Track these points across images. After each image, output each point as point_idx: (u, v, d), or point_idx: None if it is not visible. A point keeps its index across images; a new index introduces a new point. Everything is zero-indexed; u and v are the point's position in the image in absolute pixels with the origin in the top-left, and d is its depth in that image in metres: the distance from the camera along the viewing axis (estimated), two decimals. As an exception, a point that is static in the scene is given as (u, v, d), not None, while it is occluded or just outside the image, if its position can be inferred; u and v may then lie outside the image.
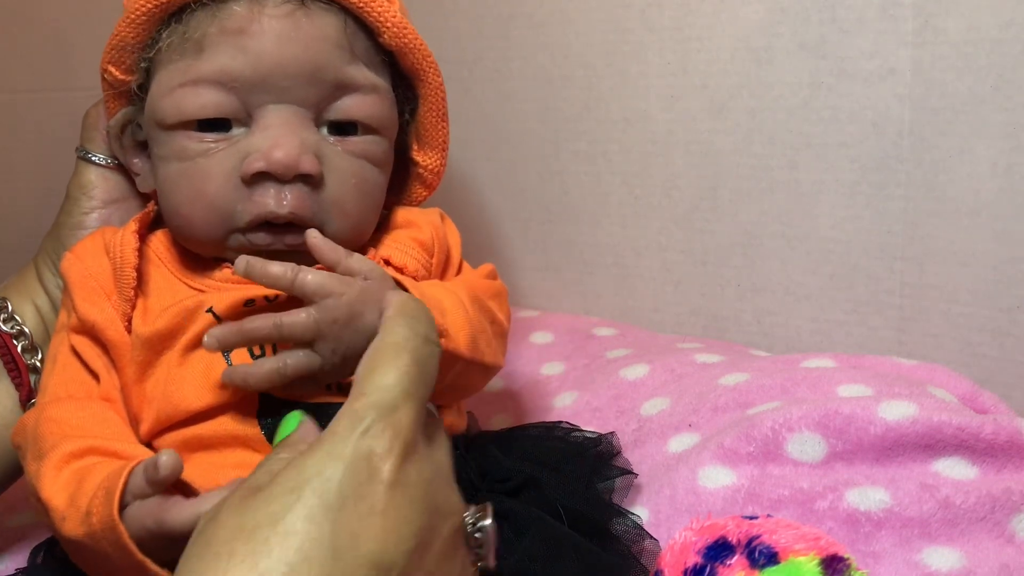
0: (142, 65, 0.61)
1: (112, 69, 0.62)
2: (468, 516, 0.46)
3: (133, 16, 0.59)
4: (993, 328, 0.79)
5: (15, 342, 0.63)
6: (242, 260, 0.54)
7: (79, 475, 0.52)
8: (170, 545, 0.48)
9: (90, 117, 0.68)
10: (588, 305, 1.00)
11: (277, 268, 0.53)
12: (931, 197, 0.79)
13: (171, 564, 0.47)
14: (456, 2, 0.97)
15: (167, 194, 0.60)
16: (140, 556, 0.48)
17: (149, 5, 0.58)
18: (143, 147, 0.63)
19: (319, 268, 0.56)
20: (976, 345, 0.80)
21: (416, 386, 0.44)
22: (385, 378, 0.43)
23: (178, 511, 0.48)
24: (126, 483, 0.49)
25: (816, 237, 0.86)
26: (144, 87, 0.61)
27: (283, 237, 0.58)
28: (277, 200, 0.57)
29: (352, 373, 0.48)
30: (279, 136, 0.57)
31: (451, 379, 0.59)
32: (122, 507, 0.49)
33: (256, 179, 0.57)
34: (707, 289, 0.93)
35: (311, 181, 0.58)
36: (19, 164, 1.12)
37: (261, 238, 0.58)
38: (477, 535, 0.45)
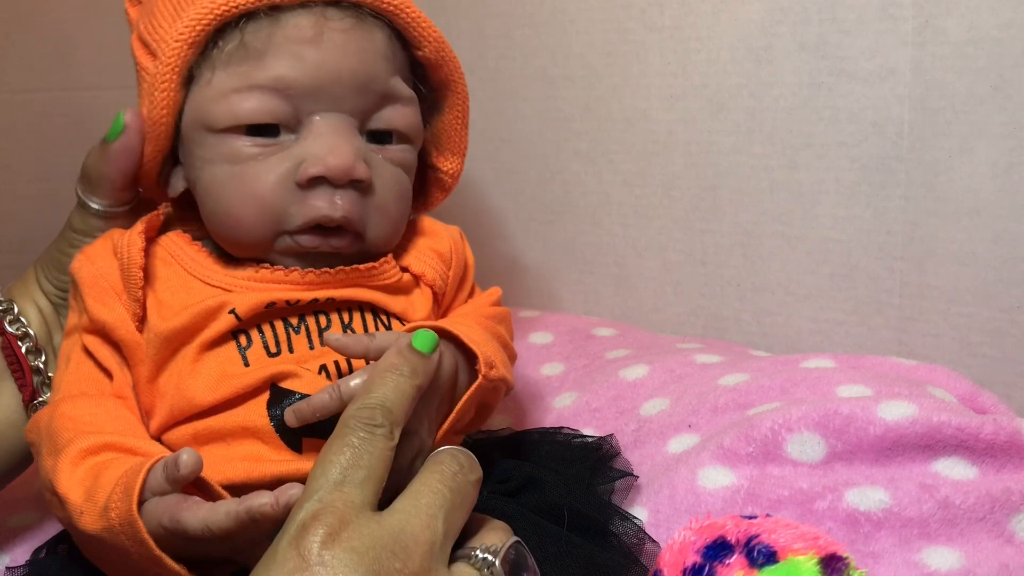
0: (197, 72, 0.60)
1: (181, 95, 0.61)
2: (477, 556, 0.48)
3: (194, 39, 0.58)
4: (993, 328, 0.79)
5: (20, 343, 0.63)
6: (289, 413, 0.55)
7: (95, 470, 0.53)
8: (187, 545, 0.49)
9: (88, 168, 0.65)
10: (588, 305, 1.00)
11: (320, 399, 0.54)
12: (931, 197, 0.79)
13: (188, 561, 0.50)
14: (457, 2, 0.97)
15: (214, 196, 0.60)
16: (157, 551, 0.49)
17: (210, 18, 0.58)
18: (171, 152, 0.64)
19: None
20: (976, 345, 0.80)
21: (350, 471, 0.46)
22: (317, 473, 0.47)
23: (192, 513, 0.49)
24: (145, 479, 0.50)
25: (816, 237, 0.86)
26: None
27: (329, 240, 0.60)
28: (331, 204, 0.58)
29: (438, 428, 0.56)
30: (335, 143, 0.58)
31: (491, 402, 0.62)
32: (140, 503, 0.50)
33: (311, 183, 0.58)
34: (707, 289, 0.93)
35: (361, 187, 0.60)
36: (19, 164, 1.12)
37: (309, 240, 0.60)
38: None
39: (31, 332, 0.64)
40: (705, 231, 0.91)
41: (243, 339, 0.58)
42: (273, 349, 0.58)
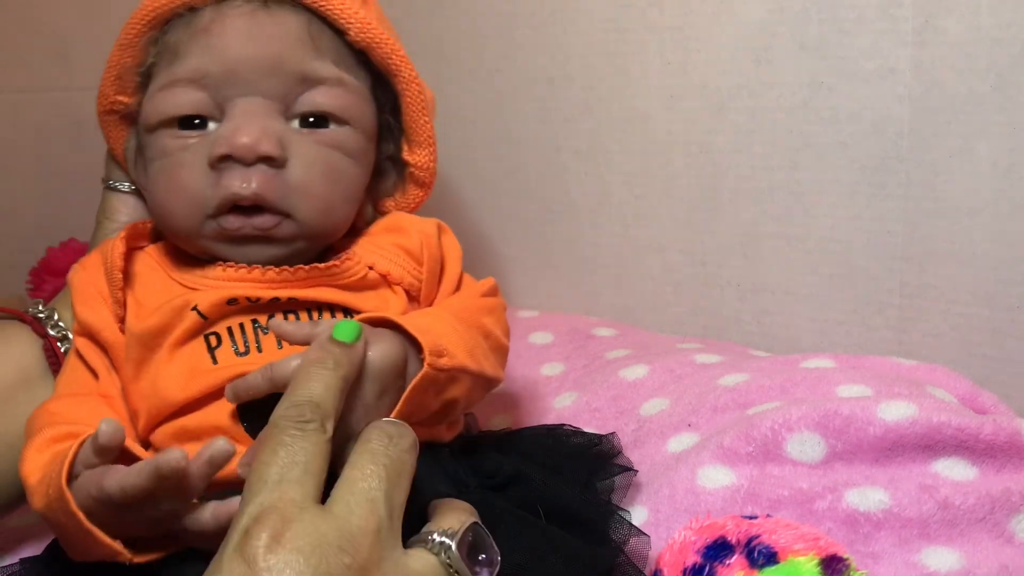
0: (140, 82, 0.64)
1: (120, 98, 0.65)
2: (435, 540, 0.47)
3: (124, 40, 0.63)
4: (993, 328, 0.79)
5: (59, 345, 0.66)
6: (229, 390, 0.56)
7: (55, 456, 0.54)
8: (119, 515, 0.50)
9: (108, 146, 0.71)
10: (588, 305, 1.00)
11: (255, 378, 0.55)
12: (931, 197, 0.79)
13: (127, 540, 0.51)
14: (456, 2, 0.97)
15: (152, 191, 0.63)
16: (87, 524, 0.50)
17: (136, 27, 0.62)
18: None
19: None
20: (976, 345, 0.80)
21: (287, 469, 0.46)
22: (254, 478, 0.46)
23: (111, 476, 0.50)
24: (76, 454, 0.52)
25: (816, 237, 0.86)
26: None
27: (251, 220, 0.60)
28: (241, 181, 0.59)
29: (385, 414, 0.54)
30: (242, 122, 0.60)
31: (455, 393, 0.60)
32: (74, 477, 0.51)
33: (222, 163, 0.60)
34: (707, 289, 0.93)
35: (274, 163, 0.60)
36: (19, 164, 1.12)
37: (230, 222, 0.60)
38: (450, 565, 0.47)
39: (69, 335, 0.67)
40: (705, 231, 0.91)
41: (213, 339, 0.59)
42: (242, 349, 0.59)
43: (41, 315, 0.68)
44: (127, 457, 0.53)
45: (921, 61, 0.77)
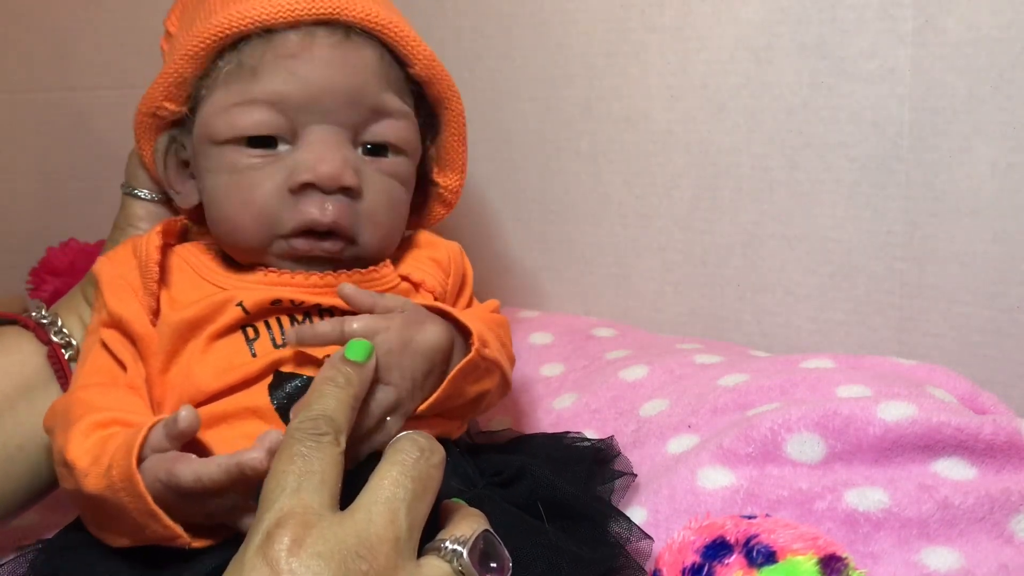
0: (202, 92, 0.65)
1: (168, 104, 0.66)
2: (447, 548, 0.48)
3: (192, 51, 0.63)
4: (993, 328, 0.79)
5: (63, 352, 0.67)
6: (292, 333, 0.59)
7: (103, 440, 0.55)
8: (181, 502, 0.52)
9: (135, 156, 0.72)
10: (588, 305, 1.00)
11: (324, 327, 0.58)
12: (931, 197, 0.79)
13: (184, 524, 0.52)
14: (456, 2, 0.97)
15: (217, 203, 0.65)
16: (153, 505, 0.51)
17: (208, 41, 0.63)
18: (184, 166, 0.68)
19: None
20: (976, 345, 0.80)
21: (304, 477, 0.47)
22: (272, 484, 0.47)
23: (185, 465, 0.52)
24: (146, 437, 0.53)
25: (816, 237, 0.86)
26: (193, 110, 0.66)
27: (321, 243, 0.63)
28: (320, 209, 0.62)
29: (425, 398, 0.58)
30: (325, 152, 0.62)
31: (488, 385, 0.63)
32: (141, 460, 0.53)
33: (302, 190, 0.62)
34: (707, 289, 0.93)
35: (351, 193, 0.63)
36: (19, 164, 1.13)
37: (302, 244, 0.63)
38: (462, 572, 0.48)
39: (73, 342, 0.67)
40: (705, 231, 0.91)
41: (251, 332, 0.61)
42: (279, 340, 0.61)
43: (44, 320, 0.68)
44: (192, 445, 0.55)
45: (921, 61, 0.77)
